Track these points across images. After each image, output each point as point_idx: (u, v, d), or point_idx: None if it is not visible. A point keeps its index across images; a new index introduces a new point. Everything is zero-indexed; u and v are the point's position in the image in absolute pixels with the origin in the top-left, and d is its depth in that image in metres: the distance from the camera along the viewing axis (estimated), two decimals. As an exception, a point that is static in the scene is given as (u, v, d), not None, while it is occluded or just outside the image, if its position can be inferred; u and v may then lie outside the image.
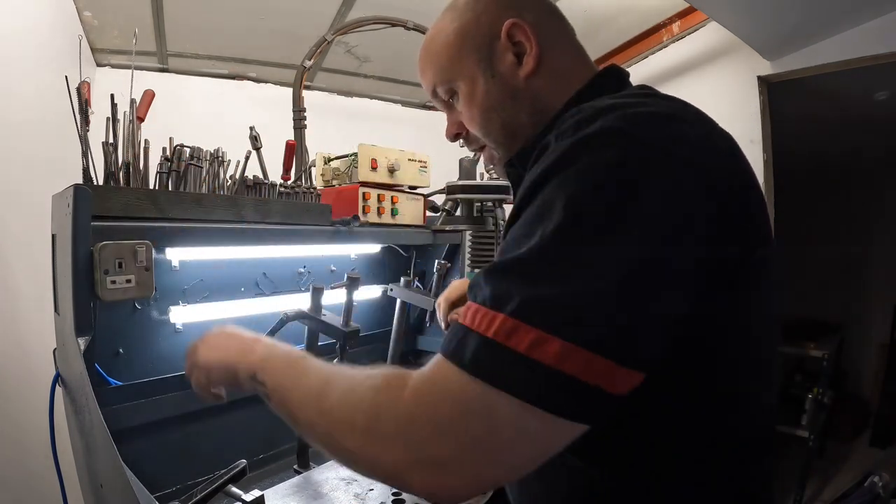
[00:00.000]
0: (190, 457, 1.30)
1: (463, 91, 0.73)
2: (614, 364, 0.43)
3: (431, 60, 0.75)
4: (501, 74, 0.70)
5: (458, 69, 0.72)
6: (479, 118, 0.73)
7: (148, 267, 0.97)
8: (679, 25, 2.72)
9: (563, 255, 0.46)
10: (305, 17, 2.52)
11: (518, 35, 0.69)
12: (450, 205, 1.82)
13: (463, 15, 0.72)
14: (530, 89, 0.70)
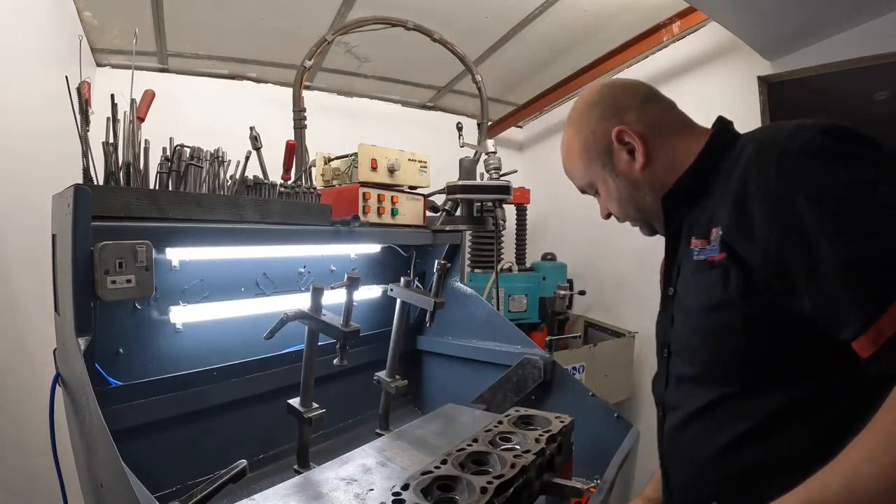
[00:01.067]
0: (190, 457, 1.30)
1: (601, 189, 0.95)
2: None
3: (574, 168, 0.98)
4: (623, 172, 0.90)
5: (591, 175, 0.94)
6: (616, 208, 0.95)
7: (148, 267, 0.97)
8: (679, 25, 2.71)
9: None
10: (305, 17, 2.52)
11: (625, 138, 0.87)
12: (450, 205, 1.82)
13: (581, 132, 0.93)
14: (647, 177, 0.88)
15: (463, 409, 1.44)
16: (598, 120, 0.90)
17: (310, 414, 1.20)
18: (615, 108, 0.89)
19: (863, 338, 0.60)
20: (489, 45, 2.97)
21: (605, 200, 0.97)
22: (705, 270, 0.77)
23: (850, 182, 0.63)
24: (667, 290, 0.91)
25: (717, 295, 0.74)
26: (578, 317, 3.58)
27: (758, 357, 0.73)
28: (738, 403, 0.76)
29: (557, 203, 3.93)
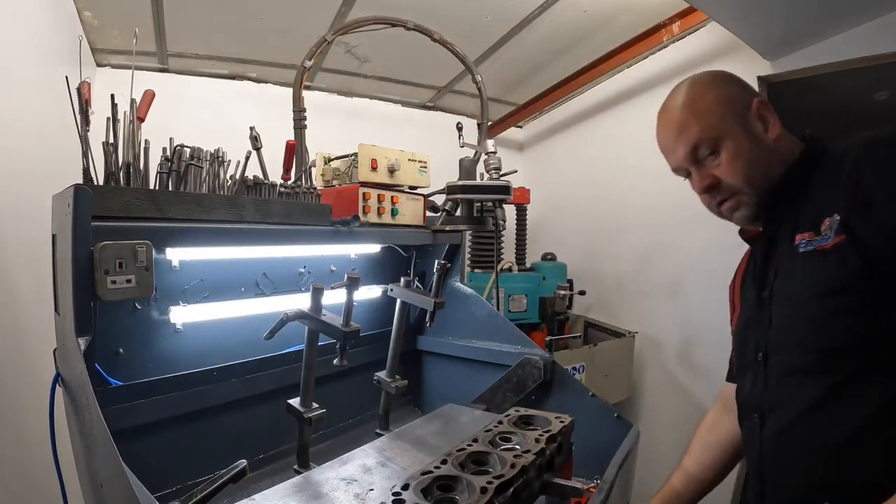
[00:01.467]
0: (190, 457, 1.30)
1: (729, 148, 0.90)
2: None
3: (698, 119, 0.92)
4: (757, 136, 0.90)
5: (724, 128, 0.90)
6: (744, 169, 0.90)
7: (148, 267, 0.97)
8: (679, 25, 2.71)
9: None
10: (305, 17, 2.52)
11: (763, 110, 0.91)
12: (450, 205, 1.82)
13: (722, 88, 0.93)
14: (778, 148, 0.91)
15: (463, 409, 1.44)
16: (738, 88, 0.94)
17: (310, 414, 1.20)
18: (748, 88, 0.95)
19: None
20: (489, 45, 2.97)
21: (727, 163, 0.91)
22: (816, 259, 0.80)
23: None
24: (760, 294, 0.93)
25: (833, 279, 0.77)
26: (578, 317, 3.58)
27: (874, 339, 0.75)
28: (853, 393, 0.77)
29: (557, 203, 3.94)
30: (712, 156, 0.92)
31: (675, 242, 2.83)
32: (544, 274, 3.39)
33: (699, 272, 2.68)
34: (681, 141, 0.93)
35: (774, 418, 0.87)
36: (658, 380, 2.91)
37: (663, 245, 2.92)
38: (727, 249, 2.55)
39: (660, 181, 2.90)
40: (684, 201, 2.79)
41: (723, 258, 2.63)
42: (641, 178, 3.07)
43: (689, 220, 2.70)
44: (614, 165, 3.33)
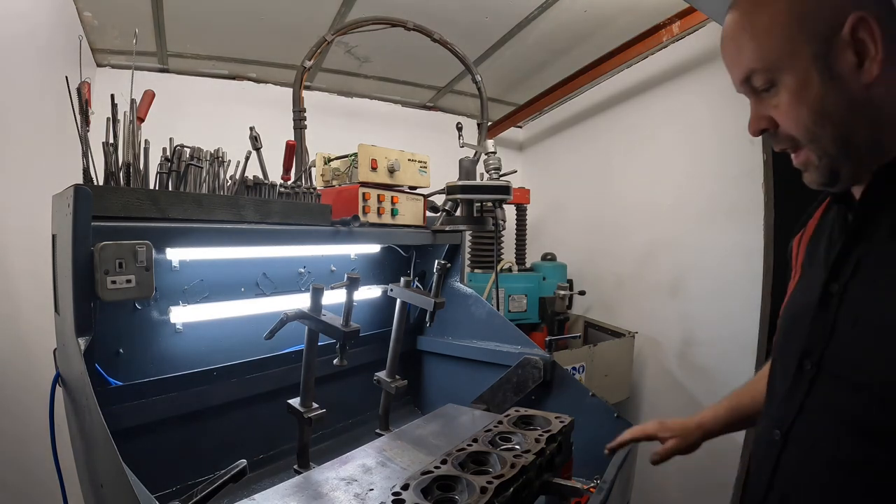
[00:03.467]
0: (190, 457, 1.30)
1: (789, 84, 0.64)
2: None
3: (754, 37, 0.65)
4: (840, 77, 0.61)
5: (788, 57, 0.63)
6: (807, 119, 0.64)
7: (148, 267, 0.97)
8: (679, 25, 2.71)
9: None
10: (305, 17, 2.52)
11: (862, 32, 0.60)
12: (450, 205, 1.82)
13: None
14: (872, 100, 0.62)
15: (463, 409, 1.44)
16: None
17: (310, 414, 1.20)
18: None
19: None
20: (489, 45, 2.97)
21: (786, 103, 0.65)
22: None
23: None
24: (828, 285, 0.68)
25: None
26: (578, 317, 3.58)
27: None
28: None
29: (557, 203, 3.94)
30: (770, 91, 0.67)
31: (675, 242, 2.83)
32: (544, 274, 3.39)
33: (699, 272, 2.68)
34: (733, 65, 0.70)
35: (801, 449, 0.69)
36: (658, 380, 2.91)
37: (663, 245, 2.92)
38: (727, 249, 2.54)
39: (660, 181, 2.91)
40: (684, 201, 2.79)
41: (723, 258, 2.63)
42: (642, 178, 3.07)
43: (689, 220, 2.70)
44: (614, 165, 3.33)
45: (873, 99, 0.62)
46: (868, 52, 0.60)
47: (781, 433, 0.71)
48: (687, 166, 2.71)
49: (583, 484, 0.99)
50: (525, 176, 4.22)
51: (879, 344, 0.59)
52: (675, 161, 2.80)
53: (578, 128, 3.73)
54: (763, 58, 0.65)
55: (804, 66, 0.62)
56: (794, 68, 0.63)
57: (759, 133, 0.71)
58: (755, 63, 0.66)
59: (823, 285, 0.69)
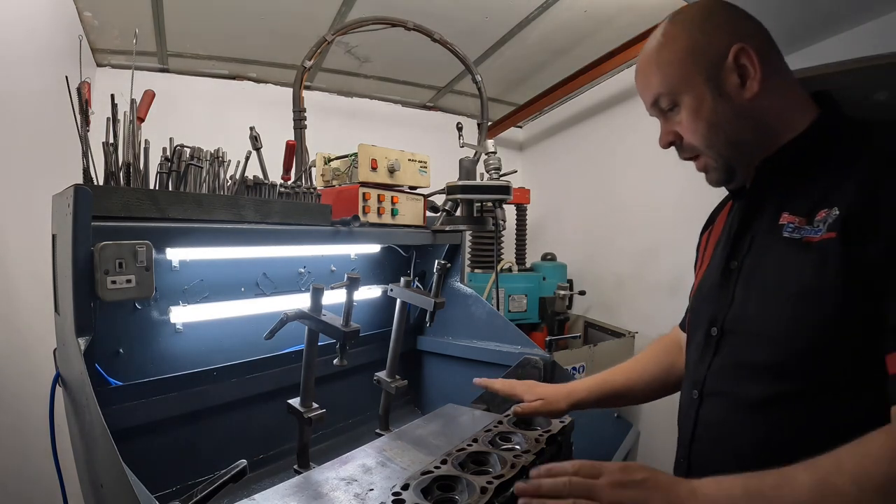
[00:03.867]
0: (190, 457, 1.30)
1: (688, 104, 0.80)
2: None
3: (659, 69, 0.82)
4: (728, 94, 0.77)
5: (686, 83, 0.79)
6: (703, 131, 0.80)
7: (148, 267, 0.97)
8: (679, 25, 2.71)
9: None
10: (305, 17, 2.52)
11: (743, 59, 0.76)
12: (450, 205, 1.82)
13: (692, 33, 0.80)
14: (754, 110, 0.77)
15: (463, 409, 1.44)
16: (715, 28, 0.79)
17: (310, 414, 1.20)
18: (737, 27, 0.78)
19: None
20: (489, 45, 2.97)
21: (686, 120, 0.81)
22: (798, 251, 0.71)
23: None
24: (728, 263, 0.83)
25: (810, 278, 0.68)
26: (578, 317, 3.58)
27: (844, 354, 0.67)
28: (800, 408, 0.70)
29: (557, 203, 3.94)
30: (674, 110, 0.82)
31: (674, 242, 2.83)
32: (544, 274, 3.39)
33: (699, 272, 2.68)
34: (644, 91, 0.86)
35: (713, 404, 0.81)
36: (658, 380, 2.92)
37: (663, 245, 2.92)
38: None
39: (660, 181, 2.91)
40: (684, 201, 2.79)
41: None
42: (641, 177, 3.07)
43: (689, 219, 2.69)
44: (614, 165, 3.33)
45: (755, 109, 0.77)
46: (749, 74, 0.76)
47: (698, 392, 0.84)
48: (687, 166, 2.71)
49: (583, 484, 0.99)
50: (525, 176, 4.23)
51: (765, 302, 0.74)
52: (676, 161, 2.80)
53: (578, 128, 3.73)
54: (666, 84, 0.81)
55: (699, 89, 0.78)
56: (690, 91, 0.79)
57: (667, 146, 0.87)
58: (661, 88, 0.82)
59: (724, 264, 0.84)
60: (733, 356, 0.79)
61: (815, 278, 0.68)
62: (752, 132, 0.78)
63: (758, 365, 0.75)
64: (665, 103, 0.83)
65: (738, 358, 0.78)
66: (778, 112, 0.78)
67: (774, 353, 0.73)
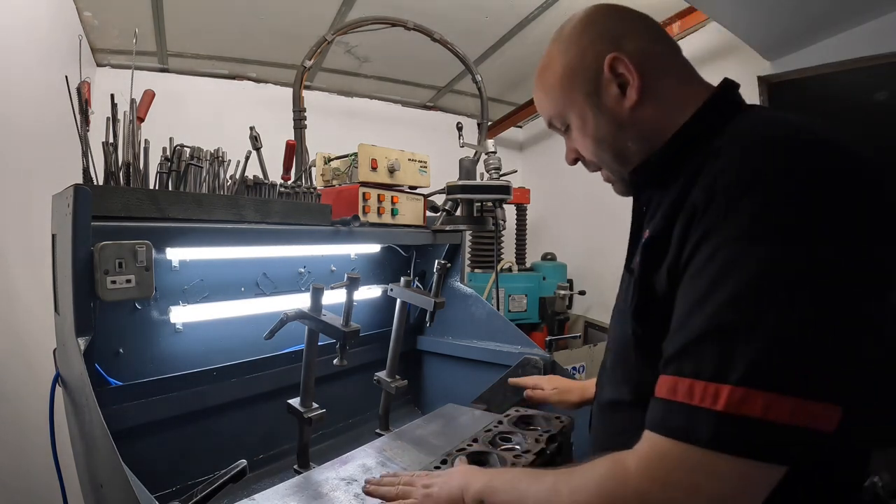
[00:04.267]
0: (190, 457, 1.30)
1: (575, 123, 0.79)
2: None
3: (546, 93, 0.82)
4: (607, 108, 0.75)
5: (567, 104, 0.78)
6: (591, 147, 0.79)
7: (148, 267, 0.97)
8: (679, 25, 2.72)
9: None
10: (305, 17, 2.52)
11: (620, 68, 0.72)
12: (450, 205, 1.82)
13: (568, 50, 0.77)
14: (635, 119, 0.74)
15: (463, 409, 1.44)
16: (590, 41, 0.75)
17: (310, 414, 1.20)
18: (614, 33, 0.74)
19: (668, 378, 0.56)
20: (489, 45, 2.97)
21: (577, 138, 0.80)
22: (629, 270, 0.74)
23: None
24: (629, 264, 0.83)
25: (622, 304, 0.73)
26: (578, 317, 3.59)
27: (645, 370, 0.67)
28: (629, 412, 0.74)
29: (557, 203, 3.94)
30: (568, 129, 0.82)
31: (675, 242, 2.83)
32: (544, 274, 3.39)
33: (699, 272, 2.68)
34: (541, 113, 0.86)
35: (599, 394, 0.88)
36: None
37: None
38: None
39: (660, 181, 2.91)
40: (684, 201, 2.79)
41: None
42: (641, 178, 3.07)
43: (689, 220, 2.69)
44: (614, 165, 3.33)
45: (637, 118, 0.74)
46: (627, 82, 0.72)
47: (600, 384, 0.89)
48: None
49: (583, 484, 0.99)
50: (525, 176, 4.23)
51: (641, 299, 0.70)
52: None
53: (578, 128, 3.73)
54: (553, 107, 0.81)
55: (580, 107, 0.77)
56: (574, 110, 0.78)
57: (573, 162, 0.87)
58: (550, 112, 0.83)
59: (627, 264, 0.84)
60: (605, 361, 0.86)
61: (622, 303, 0.73)
62: (637, 142, 0.75)
63: (606, 369, 0.84)
64: (558, 124, 0.83)
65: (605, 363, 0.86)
66: (662, 113, 0.73)
67: (608, 361, 0.83)
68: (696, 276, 0.56)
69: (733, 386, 0.49)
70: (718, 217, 0.55)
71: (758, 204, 0.53)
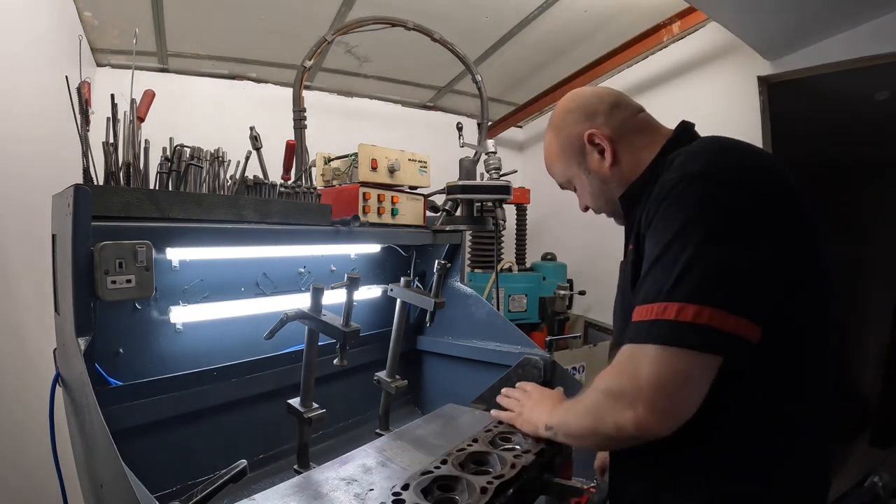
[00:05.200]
0: (190, 457, 1.30)
1: (577, 185, 1.06)
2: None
3: (553, 168, 1.08)
4: (594, 171, 1.00)
5: (569, 173, 1.04)
6: (591, 201, 1.06)
7: (148, 267, 0.97)
8: (679, 25, 2.72)
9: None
10: (305, 17, 2.53)
11: (595, 139, 0.96)
12: (450, 205, 1.82)
13: (559, 134, 1.03)
14: (615, 174, 0.97)
15: (463, 409, 1.44)
16: (572, 124, 1.00)
17: (310, 414, 1.20)
18: (587, 113, 0.99)
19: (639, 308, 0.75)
20: (489, 45, 2.97)
21: (581, 195, 1.07)
22: (625, 271, 0.92)
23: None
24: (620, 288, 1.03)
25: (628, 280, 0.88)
26: (578, 317, 3.59)
27: None
28: None
29: (557, 203, 3.93)
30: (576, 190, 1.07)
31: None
32: (544, 274, 3.39)
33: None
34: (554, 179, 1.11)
35: None
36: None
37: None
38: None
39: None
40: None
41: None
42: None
43: (689, 220, 2.69)
44: (614, 165, 3.33)
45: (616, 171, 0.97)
46: (603, 147, 0.96)
47: None
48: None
49: (583, 484, 0.99)
50: (525, 176, 4.23)
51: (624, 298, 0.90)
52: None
53: (578, 128, 3.73)
54: (560, 176, 1.08)
55: (577, 173, 1.03)
56: (573, 176, 1.04)
57: (585, 210, 1.11)
58: (560, 179, 1.09)
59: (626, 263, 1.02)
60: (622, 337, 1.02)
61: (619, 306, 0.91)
62: (619, 189, 0.98)
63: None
64: (568, 187, 1.09)
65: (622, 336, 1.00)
66: (634, 163, 0.96)
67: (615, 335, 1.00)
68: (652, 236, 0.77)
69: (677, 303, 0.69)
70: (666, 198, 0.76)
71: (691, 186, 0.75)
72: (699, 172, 0.75)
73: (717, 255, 0.70)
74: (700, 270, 0.69)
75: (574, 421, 0.88)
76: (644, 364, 0.70)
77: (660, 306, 0.70)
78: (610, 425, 0.75)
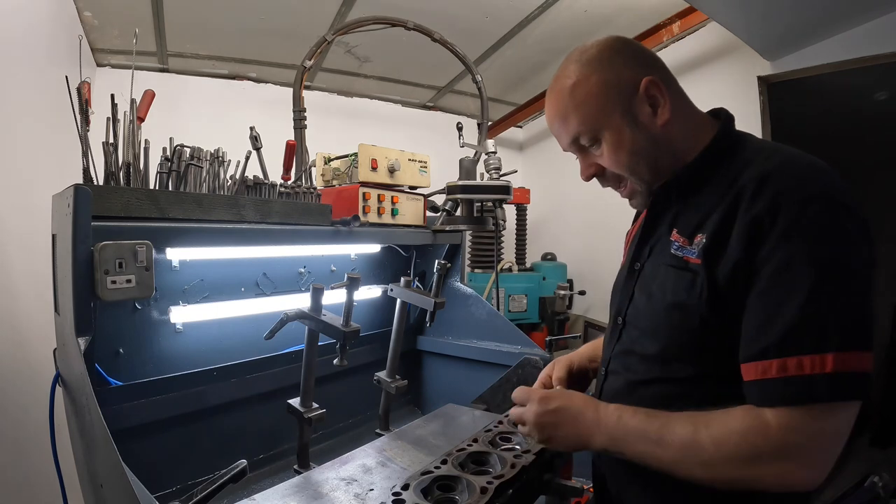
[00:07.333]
0: (190, 457, 1.30)
1: (610, 138, 0.85)
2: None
3: (577, 110, 0.85)
4: (643, 124, 0.83)
5: (602, 119, 0.84)
6: (626, 161, 0.85)
7: (148, 267, 0.97)
8: (679, 25, 2.72)
9: None
10: (305, 17, 2.52)
11: (653, 90, 0.82)
12: (450, 205, 1.82)
13: (601, 71, 0.84)
14: (668, 135, 0.84)
15: (463, 409, 1.44)
16: (623, 65, 0.84)
17: (310, 414, 1.20)
18: (643, 60, 0.85)
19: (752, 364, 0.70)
20: (489, 45, 2.97)
21: (609, 153, 0.86)
22: (679, 268, 0.81)
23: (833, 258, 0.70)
24: (633, 265, 0.93)
25: (683, 297, 0.79)
26: (578, 317, 3.59)
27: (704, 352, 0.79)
28: (678, 385, 0.83)
29: (557, 203, 3.94)
30: (595, 145, 0.87)
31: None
32: (544, 274, 3.39)
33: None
34: (563, 130, 0.89)
35: (612, 380, 0.94)
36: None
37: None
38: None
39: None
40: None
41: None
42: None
43: (689, 220, 2.69)
44: (614, 165, 3.33)
45: (668, 134, 0.84)
46: (659, 103, 0.83)
47: (605, 369, 0.97)
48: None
49: (583, 484, 0.99)
50: (525, 176, 4.23)
51: (652, 305, 0.85)
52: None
53: (578, 128, 3.73)
54: (586, 122, 0.85)
55: (617, 122, 0.83)
56: (609, 125, 0.84)
57: (590, 178, 0.92)
58: (577, 128, 0.86)
59: (630, 264, 0.94)
60: (629, 344, 0.91)
61: (686, 296, 0.79)
62: (669, 155, 0.85)
63: (643, 354, 0.87)
64: (586, 140, 0.87)
65: (631, 346, 0.90)
66: (686, 134, 0.85)
67: (654, 347, 0.85)
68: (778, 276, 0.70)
69: (834, 353, 0.66)
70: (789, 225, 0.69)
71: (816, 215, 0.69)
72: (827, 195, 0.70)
73: (860, 298, 0.69)
74: (850, 314, 0.68)
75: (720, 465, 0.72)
76: (827, 422, 0.68)
77: (835, 357, 0.67)
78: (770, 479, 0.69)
